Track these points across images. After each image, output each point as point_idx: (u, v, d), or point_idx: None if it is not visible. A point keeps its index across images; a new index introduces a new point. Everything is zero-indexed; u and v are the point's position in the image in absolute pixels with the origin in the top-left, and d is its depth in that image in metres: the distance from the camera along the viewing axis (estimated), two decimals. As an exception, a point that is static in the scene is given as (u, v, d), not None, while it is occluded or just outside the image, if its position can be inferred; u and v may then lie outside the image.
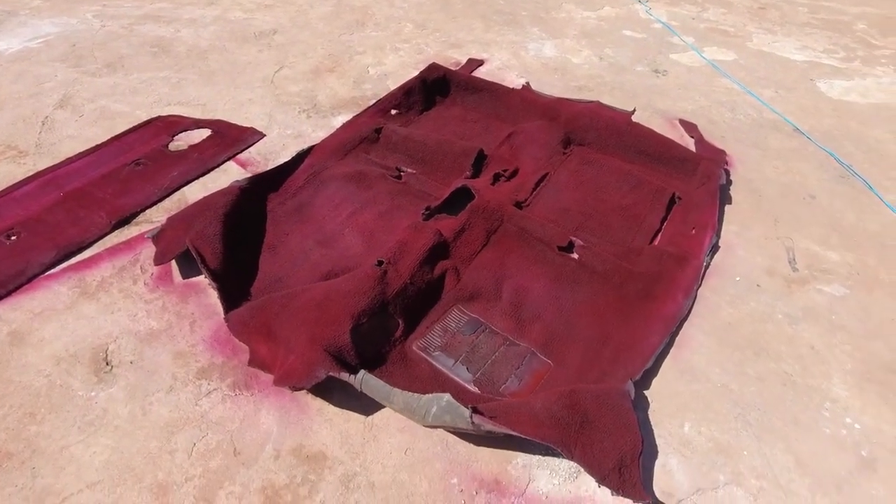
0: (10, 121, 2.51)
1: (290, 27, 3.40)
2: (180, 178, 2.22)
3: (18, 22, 3.34)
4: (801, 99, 2.92)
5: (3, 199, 2.09)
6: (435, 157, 2.29)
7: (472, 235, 1.92)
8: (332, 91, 2.81)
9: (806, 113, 2.80)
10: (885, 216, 2.18)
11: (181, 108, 2.63)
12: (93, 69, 2.93)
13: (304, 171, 2.24)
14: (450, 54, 3.13)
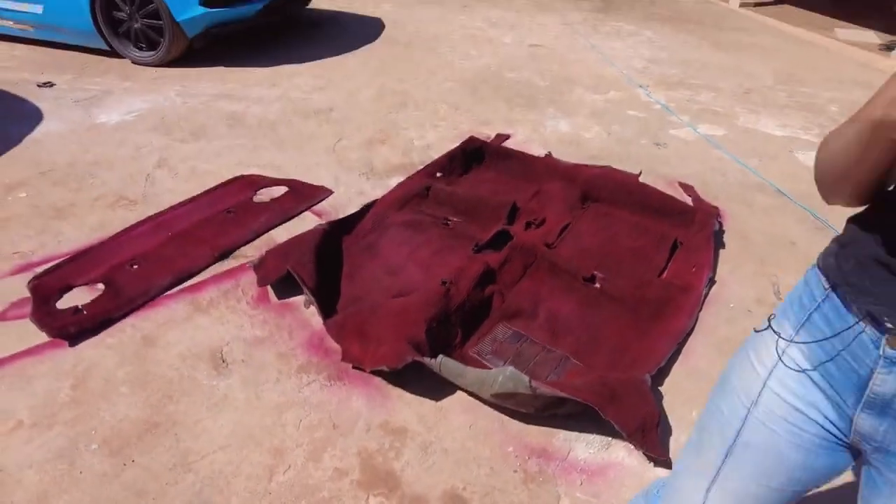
0: (119, 177, 3.02)
1: (343, 106, 3.99)
2: (267, 224, 2.68)
3: (115, 99, 3.95)
4: (782, 166, 3.42)
5: (124, 237, 2.54)
6: (476, 209, 2.76)
7: (512, 267, 2.35)
8: (385, 158, 3.34)
9: (786, 178, 3.28)
10: (855, 258, 2.59)
11: (259, 169, 3.14)
12: (180, 137, 3.48)
13: (370, 218, 2.70)
14: (480, 129, 3.68)
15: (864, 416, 0.71)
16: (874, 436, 0.71)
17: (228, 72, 4.53)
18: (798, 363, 0.76)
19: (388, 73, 4.67)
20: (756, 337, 0.83)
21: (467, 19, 6.27)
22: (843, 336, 0.71)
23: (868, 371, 0.68)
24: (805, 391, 0.76)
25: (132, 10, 4.38)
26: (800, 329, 0.77)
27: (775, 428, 0.77)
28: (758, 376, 0.79)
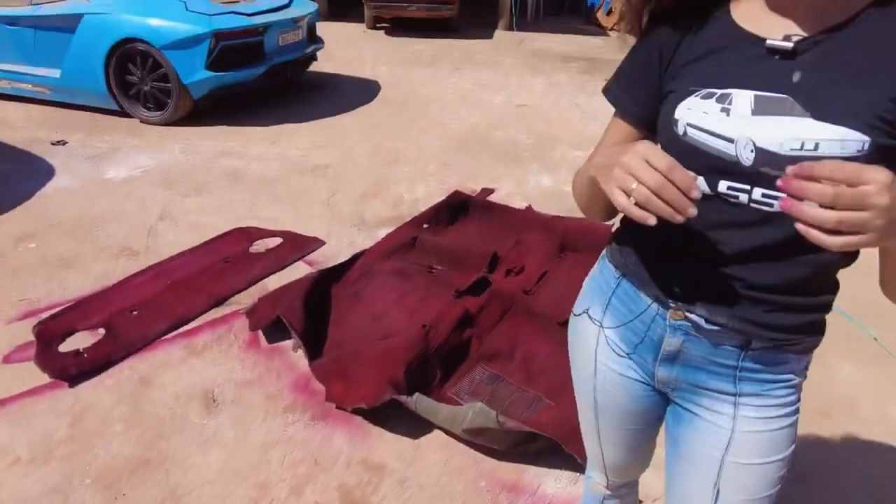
0: (124, 229, 3.20)
1: (338, 163, 4.22)
2: (261, 273, 2.84)
3: (123, 155, 4.18)
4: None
5: (125, 285, 2.70)
6: (459, 258, 2.92)
7: (491, 312, 2.49)
8: (376, 211, 3.53)
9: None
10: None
11: (257, 222, 3.32)
12: (183, 191, 3.68)
13: (359, 268, 2.85)
14: (467, 184, 3.89)
15: (661, 368, 0.89)
16: (669, 381, 0.90)
17: (231, 130, 4.80)
18: (616, 344, 0.94)
19: (382, 131, 4.94)
20: (577, 320, 1.01)
21: (458, 81, 6.63)
22: (642, 316, 0.88)
23: (660, 336, 0.87)
24: (623, 361, 0.94)
25: (143, 73, 4.70)
26: (605, 310, 0.94)
27: (611, 389, 0.97)
28: (590, 353, 0.98)
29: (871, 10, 0.66)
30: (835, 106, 0.66)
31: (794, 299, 0.77)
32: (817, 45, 0.68)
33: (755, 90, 0.70)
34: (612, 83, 0.90)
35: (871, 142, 0.65)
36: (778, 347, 0.80)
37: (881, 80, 0.65)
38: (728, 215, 0.75)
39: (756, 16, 0.73)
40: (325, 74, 6.59)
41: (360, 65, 7.20)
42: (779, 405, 0.83)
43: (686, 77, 0.77)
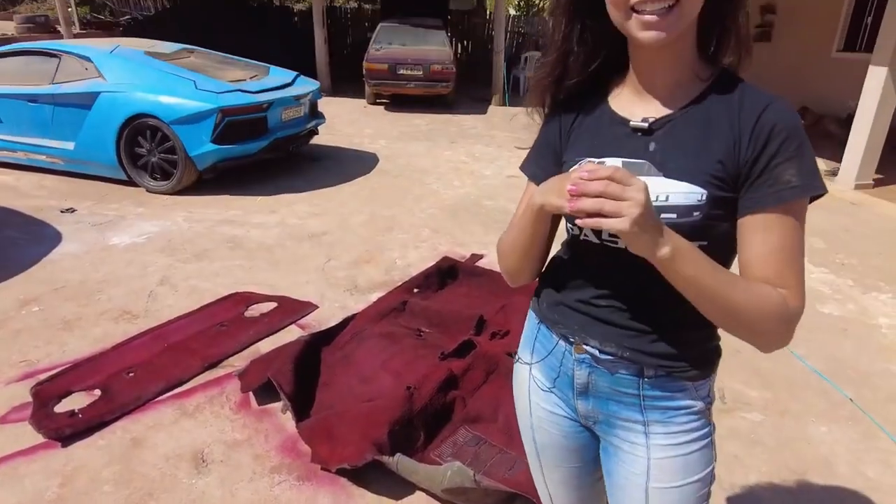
0: (124, 293, 3.32)
1: (335, 230, 4.39)
2: (255, 337, 2.93)
3: (128, 223, 4.36)
4: (732, 285, 3.73)
5: (123, 347, 2.79)
6: (447, 321, 3.02)
7: (475, 374, 2.57)
8: (369, 276, 3.66)
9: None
10: (794, 364, 2.82)
11: (254, 287, 3.44)
12: (184, 258, 3.83)
13: (349, 331, 2.96)
14: (457, 250, 4.05)
15: (580, 402, 1.01)
16: (588, 415, 1.01)
17: (233, 199, 5.01)
18: (540, 380, 1.07)
19: (378, 200, 5.16)
20: (516, 368, 1.14)
21: (453, 154, 6.95)
22: (555, 352, 1.03)
23: (571, 370, 1.00)
24: (549, 396, 1.06)
25: (152, 145, 4.96)
26: (532, 353, 1.09)
27: (548, 428, 1.08)
28: (525, 396, 1.10)
29: (700, 99, 0.87)
30: (678, 167, 0.85)
31: (675, 330, 0.91)
32: (665, 125, 0.88)
33: (623, 157, 0.89)
34: (526, 160, 1.08)
35: (707, 193, 0.83)
36: (670, 374, 0.93)
37: (710, 148, 0.84)
38: (611, 259, 0.91)
39: (625, 103, 0.94)
40: (326, 147, 6.91)
41: (360, 138, 7.56)
42: (686, 431, 0.95)
43: (575, 149, 0.96)
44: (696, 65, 0.88)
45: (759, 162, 0.82)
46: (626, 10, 0.81)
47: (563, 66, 0.95)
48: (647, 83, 0.90)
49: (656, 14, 0.78)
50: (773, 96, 0.84)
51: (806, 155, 0.82)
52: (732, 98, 0.85)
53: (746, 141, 0.82)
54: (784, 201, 0.81)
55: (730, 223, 0.86)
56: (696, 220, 0.83)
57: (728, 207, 0.85)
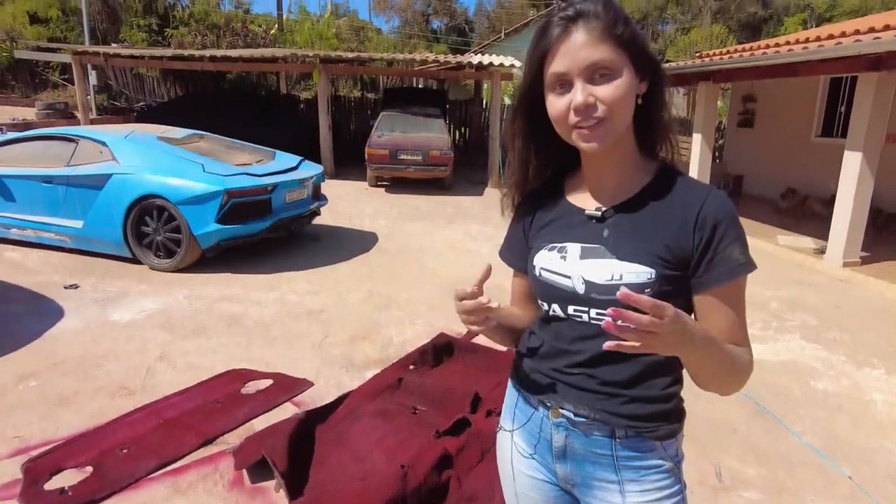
0: (123, 369, 3.34)
1: (332, 308, 4.46)
2: (250, 414, 2.93)
3: (130, 300, 4.44)
4: (726, 361, 3.76)
5: (118, 423, 2.78)
6: (443, 399, 3.03)
7: (470, 453, 2.55)
8: (365, 353, 3.69)
9: (729, 371, 3.60)
10: (791, 441, 2.81)
11: (250, 364, 3.47)
12: (183, 334, 3.87)
13: (344, 409, 2.96)
14: (453, 327, 4.10)
15: (558, 465, 1.07)
16: (567, 477, 1.07)
17: (233, 277, 5.12)
18: (521, 447, 1.12)
19: (376, 278, 5.26)
20: (499, 437, 1.19)
21: (450, 233, 7.14)
22: (533, 418, 1.10)
23: (550, 434, 1.07)
24: (530, 462, 1.12)
25: (158, 225, 5.12)
26: (513, 420, 1.15)
27: (531, 493, 1.13)
28: (508, 463, 1.16)
29: (645, 190, 1.00)
30: (629, 250, 0.97)
31: (641, 392, 1.00)
32: (616, 213, 1.01)
33: (581, 243, 1.02)
34: (502, 249, 1.22)
35: (656, 272, 0.95)
36: (639, 434, 1.00)
37: (657, 233, 0.96)
38: (577, 331, 1.02)
39: (579, 195, 1.07)
40: (327, 227, 7.10)
41: (360, 218, 7.79)
42: (658, 489, 1.01)
43: (539, 238, 1.09)
44: (638, 161, 1.03)
45: (710, 246, 0.94)
46: (568, 128, 0.96)
47: (525, 174, 1.11)
48: (597, 178, 1.04)
49: (589, 129, 0.93)
50: (709, 188, 0.98)
51: (743, 237, 0.96)
52: (675, 189, 0.99)
53: (692, 228, 0.95)
54: (737, 276, 0.94)
55: (680, 297, 0.96)
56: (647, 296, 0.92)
57: (676, 284, 0.96)
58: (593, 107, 0.91)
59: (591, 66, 0.90)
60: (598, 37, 0.90)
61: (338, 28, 22.48)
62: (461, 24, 39.33)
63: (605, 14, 0.91)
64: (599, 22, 0.91)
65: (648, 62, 0.96)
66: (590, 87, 0.91)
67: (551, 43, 0.93)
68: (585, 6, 0.92)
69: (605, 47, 0.90)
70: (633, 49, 0.92)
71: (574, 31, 0.91)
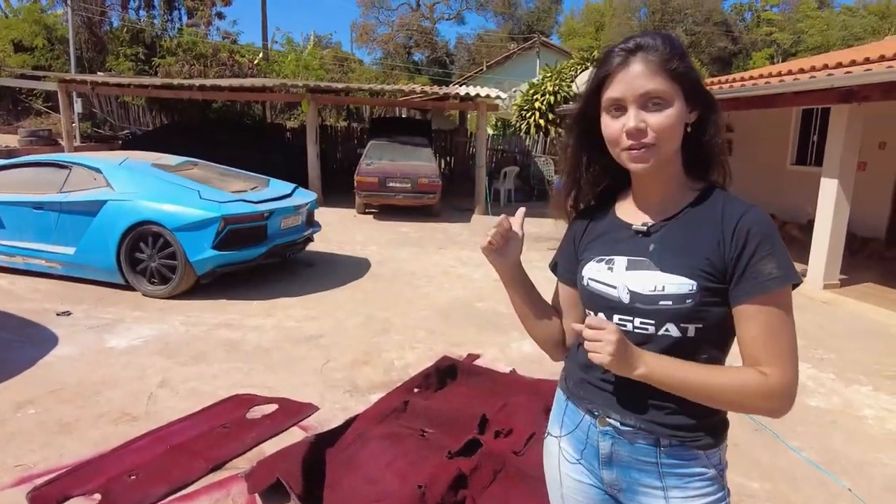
0: (123, 395, 3.30)
1: (332, 333, 4.47)
2: (258, 438, 2.92)
3: (125, 327, 4.39)
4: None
5: (125, 449, 2.75)
6: (450, 421, 3.05)
7: (483, 473, 2.58)
8: (368, 377, 3.70)
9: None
10: (790, 456, 2.89)
11: (253, 389, 3.45)
12: (182, 360, 3.84)
13: (352, 432, 2.96)
14: (453, 350, 4.13)
15: (604, 471, 1.12)
16: (613, 482, 1.12)
17: (229, 304, 5.10)
18: (568, 452, 1.19)
19: (372, 303, 5.29)
20: (546, 443, 1.26)
21: (442, 258, 7.21)
22: (581, 426, 1.16)
23: (596, 442, 1.12)
24: (577, 467, 1.17)
25: (153, 251, 5.10)
26: (561, 427, 1.21)
27: (577, 497, 1.19)
28: (556, 469, 1.21)
29: (689, 207, 1.08)
30: (672, 263, 1.04)
31: (685, 404, 1.03)
32: (661, 228, 1.08)
33: (628, 256, 1.09)
34: (554, 260, 1.30)
35: (697, 284, 1.01)
36: (683, 444, 1.05)
37: (699, 247, 1.03)
38: None
39: (628, 211, 1.15)
40: (320, 253, 7.12)
41: (352, 245, 7.82)
42: (701, 495, 1.06)
43: (589, 250, 1.17)
44: (684, 181, 1.10)
45: (741, 259, 0.99)
46: (619, 149, 1.05)
47: (577, 188, 1.20)
48: (644, 196, 1.12)
49: (639, 152, 1.02)
50: (749, 205, 1.05)
51: (781, 252, 1.00)
52: (716, 206, 1.05)
53: (728, 242, 1.01)
54: (768, 290, 0.98)
55: (723, 309, 1.02)
56: (689, 306, 1.01)
57: (718, 296, 1.01)
58: (644, 132, 1.00)
59: (645, 94, 0.99)
60: (654, 69, 0.99)
61: (322, 59, 22.79)
62: (442, 56, 40.11)
63: (663, 48, 1.01)
64: (657, 55, 1.00)
65: (699, 95, 1.05)
66: (643, 113, 1.00)
67: (611, 70, 1.02)
68: (645, 40, 1.02)
69: (659, 79, 0.99)
70: (685, 82, 1.01)
71: (633, 62, 1.00)
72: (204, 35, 19.16)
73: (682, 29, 36.30)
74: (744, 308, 1.00)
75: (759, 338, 0.98)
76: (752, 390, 0.97)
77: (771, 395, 0.97)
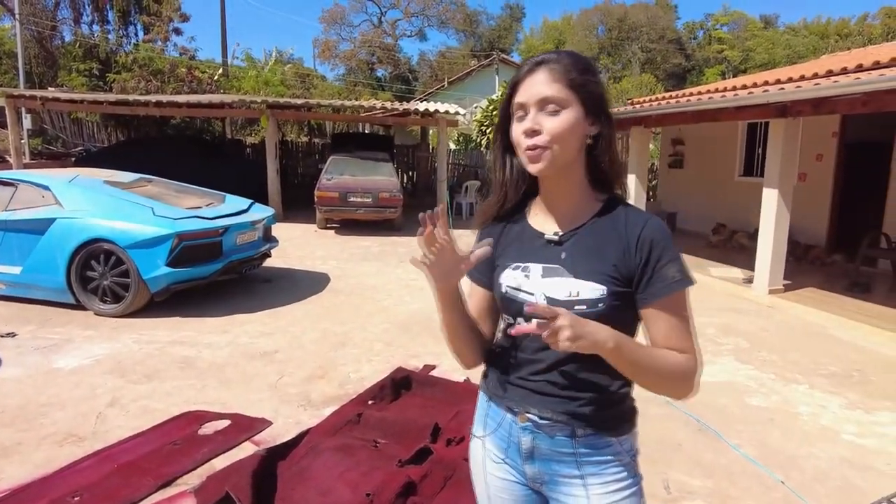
0: (71, 416, 3.23)
1: (287, 348, 4.46)
2: (209, 454, 2.89)
3: (74, 346, 4.29)
4: (668, 384, 3.99)
5: (69, 471, 2.69)
6: (403, 431, 3.08)
7: (433, 480, 2.62)
8: (322, 391, 3.71)
9: (672, 393, 3.83)
10: (731, 454, 3.03)
11: (206, 406, 3.42)
12: (134, 379, 3.78)
13: (305, 445, 2.97)
14: (410, 361, 4.17)
15: (527, 466, 1.18)
16: (536, 476, 1.18)
17: (184, 321, 5.02)
18: (493, 452, 1.24)
19: (331, 318, 5.29)
20: (472, 445, 1.30)
21: (403, 272, 7.25)
22: (503, 424, 1.21)
23: (518, 438, 1.18)
24: (503, 467, 1.23)
25: (104, 269, 5.00)
26: (484, 427, 1.26)
27: (502, 495, 1.23)
28: (480, 467, 1.27)
29: (595, 217, 1.15)
30: (584, 270, 1.11)
31: (596, 394, 1.12)
32: (571, 237, 1.15)
33: (542, 263, 1.15)
34: None
35: (607, 289, 1.09)
36: (597, 432, 1.13)
37: (607, 254, 1.12)
38: (539, 342, 1.06)
39: (540, 220, 1.21)
40: (278, 269, 7.08)
41: (312, 260, 7.80)
42: (617, 480, 1.14)
43: (504, 256, 1.22)
44: (590, 193, 1.18)
45: (648, 266, 1.09)
46: (521, 152, 1.12)
47: (505, 192, 1.25)
48: (553, 206, 1.19)
49: (534, 152, 1.09)
50: (649, 215, 1.15)
51: (679, 258, 1.11)
52: (619, 217, 1.14)
53: (634, 251, 1.10)
54: (673, 292, 1.10)
55: (629, 310, 1.12)
56: (601, 309, 1.09)
57: (625, 298, 1.10)
58: (538, 132, 1.08)
59: (543, 99, 1.08)
60: (555, 77, 1.08)
61: (283, 75, 22.70)
62: (405, 72, 40.43)
63: (567, 61, 1.10)
64: (559, 66, 1.09)
65: (601, 110, 1.13)
66: (540, 115, 1.09)
67: (519, 79, 1.12)
68: (552, 55, 1.11)
69: (557, 86, 1.08)
70: (585, 94, 1.10)
71: (538, 71, 1.09)
72: (161, 51, 18.89)
73: (637, 46, 37.56)
74: (654, 308, 1.10)
75: (670, 332, 1.10)
76: (682, 371, 1.08)
77: (691, 377, 1.10)
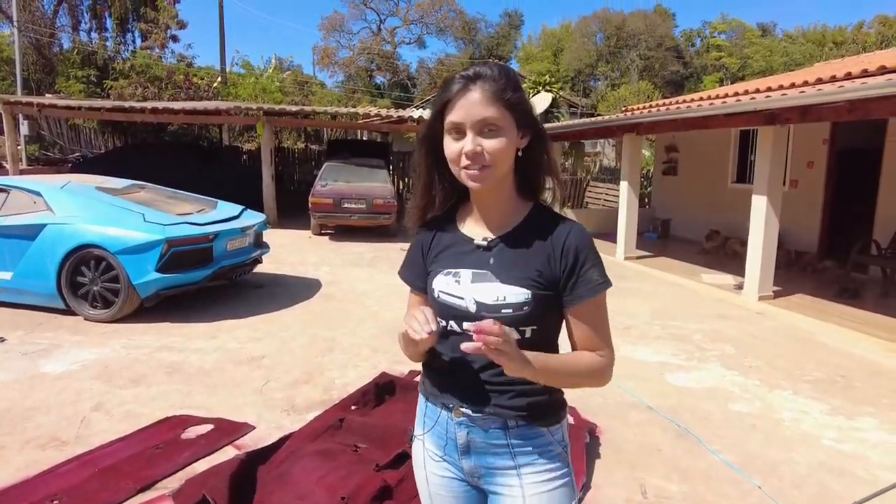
0: (54, 420, 3.24)
1: (275, 353, 4.48)
2: (191, 458, 2.91)
3: (63, 351, 4.31)
4: (653, 387, 4.01)
5: (49, 475, 2.71)
6: (384, 436, 3.10)
7: (410, 484, 2.63)
8: (307, 396, 3.73)
9: (656, 396, 3.85)
10: (710, 459, 3.04)
11: (191, 411, 3.43)
12: (121, 384, 3.80)
13: (286, 450, 2.99)
14: (396, 367, 4.19)
15: (464, 461, 1.22)
16: (473, 471, 1.22)
17: (174, 326, 5.05)
18: (432, 450, 1.28)
19: (320, 323, 5.31)
20: (413, 447, 1.34)
21: (394, 278, 7.18)
22: (440, 421, 1.25)
23: (454, 434, 1.22)
24: (442, 465, 1.26)
25: (95, 275, 5.03)
26: (423, 426, 1.31)
27: (443, 493, 1.28)
28: (421, 468, 1.30)
29: (522, 224, 1.21)
30: (510, 275, 1.16)
31: (524, 387, 1.16)
32: (499, 244, 1.20)
33: (471, 269, 1.20)
34: (402, 269, 1.37)
35: (532, 293, 1.14)
36: (528, 423, 1.17)
37: (531, 260, 1.17)
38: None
39: (470, 226, 1.26)
40: (270, 275, 7.10)
41: (305, 266, 7.82)
42: (549, 470, 1.18)
43: (436, 262, 1.26)
44: (517, 200, 1.23)
45: (573, 271, 1.16)
46: (459, 168, 1.15)
47: (429, 202, 1.29)
48: (483, 213, 1.24)
49: (477, 171, 1.12)
50: (572, 222, 1.20)
51: (601, 262, 1.19)
52: (543, 224, 1.20)
53: (559, 257, 1.16)
54: (597, 294, 1.17)
55: (553, 312, 1.18)
56: (526, 312, 1.15)
57: (549, 302, 1.16)
58: (481, 155, 1.12)
59: (481, 121, 1.11)
60: (490, 98, 1.11)
61: (282, 82, 22.81)
62: (403, 79, 40.62)
63: (499, 79, 1.12)
64: (493, 85, 1.11)
65: (529, 122, 1.17)
66: (479, 138, 1.12)
67: (451, 95, 1.13)
68: (484, 70, 1.14)
69: (494, 108, 1.11)
70: (517, 111, 1.14)
71: (472, 90, 1.12)
72: (158, 58, 18.98)
73: (636, 53, 37.72)
74: (578, 309, 1.17)
75: (593, 329, 1.18)
76: (597, 369, 1.17)
77: (608, 371, 1.20)
